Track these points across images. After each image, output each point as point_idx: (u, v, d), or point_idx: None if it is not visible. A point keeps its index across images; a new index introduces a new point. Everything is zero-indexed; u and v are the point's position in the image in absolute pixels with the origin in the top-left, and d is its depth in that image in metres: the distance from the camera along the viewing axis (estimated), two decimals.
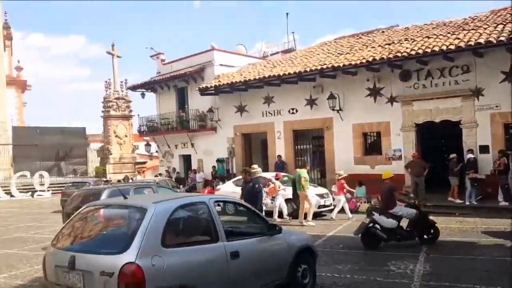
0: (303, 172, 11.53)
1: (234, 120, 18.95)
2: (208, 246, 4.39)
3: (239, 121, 18.75)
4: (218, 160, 19.67)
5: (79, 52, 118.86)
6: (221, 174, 19.05)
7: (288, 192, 12.17)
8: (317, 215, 12.23)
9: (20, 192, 25.18)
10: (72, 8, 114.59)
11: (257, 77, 17.02)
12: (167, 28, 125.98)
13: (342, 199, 12.19)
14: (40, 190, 25.35)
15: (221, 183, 16.58)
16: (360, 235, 8.22)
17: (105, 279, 3.68)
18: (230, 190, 13.29)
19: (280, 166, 16.65)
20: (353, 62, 14.61)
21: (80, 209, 4.87)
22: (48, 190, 25.40)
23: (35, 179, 25.63)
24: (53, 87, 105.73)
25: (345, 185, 12.27)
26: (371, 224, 8.25)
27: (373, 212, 8.38)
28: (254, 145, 19.65)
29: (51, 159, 30.35)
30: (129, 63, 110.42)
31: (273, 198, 11.99)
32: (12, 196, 24.64)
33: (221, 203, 5.26)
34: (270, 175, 13.71)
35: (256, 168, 9.69)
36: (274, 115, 17.65)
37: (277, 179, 12.28)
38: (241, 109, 18.29)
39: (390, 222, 8.22)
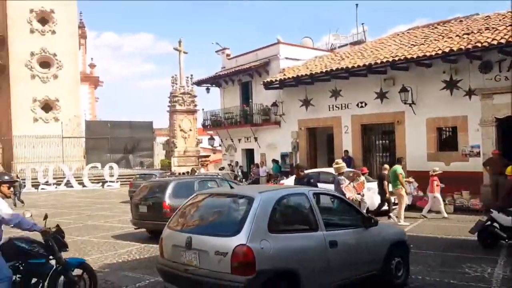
0: (399, 168, 11.12)
1: (299, 114, 18.80)
2: (309, 234, 4.74)
3: (304, 115, 18.57)
4: (274, 160, 19.63)
5: (147, 49, 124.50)
6: (275, 173, 18.87)
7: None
8: (379, 214, 11.79)
9: (92, 182, 26.75)
10: (142, 7, 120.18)
11: (324, 70, 16.75)
12: (233, 23, 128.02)
13: (437, 196, 11.65)
14: (109, 181, 26.78)
15: (284, 177, 16.51)
16: (476, 233, 7.93)
17: (220, 258, 4.17)
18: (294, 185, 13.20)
19: (347, 161, 16.23)
20: (428, 54, 13.91)
21: (192, 196, 5.46)
22: (117, 181, 26.76)
23: (105, 171, 27.10)
24: (122, 83, 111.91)
25: (437, 182, 11.71)
26: (488, 222, 7.88)
27: (492, 210, 7.96)
28: (319, 140, 19.39)
29: (120, 152, 31.99)
30: (194, 58, 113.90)
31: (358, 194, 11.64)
32: (84, 186, 26.25)
33: (318, 195, 5.45)
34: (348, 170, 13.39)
35: (340, 163, 9.38)
36: (342, 109, 17.28)
37: (363, 174, 11.87)
38: (306, 103, 18.09)
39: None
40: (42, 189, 25.05)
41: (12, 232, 4.99)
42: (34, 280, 4.82)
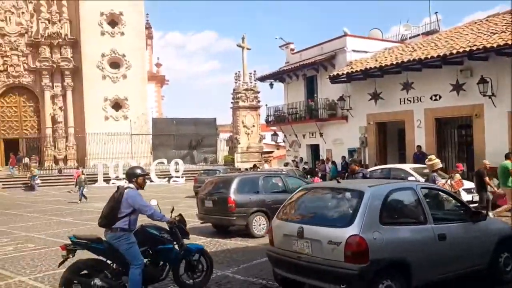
0: (509, 164, 10.53)
1: (367, 108, 18.33)
2: (419, 227, 4.95)
3: (373, 109, 18.08)
4: (333, 162, 19.26)
5: (211, 46, 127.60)
6: (333, 176, 18.40)
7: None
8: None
9: (158, 177, 27.83)
10: (205, 6, 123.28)
11: (394, 62, 16.20)
12: (296, 17, 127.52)
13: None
14: (175, 176, 27.74)
15: (368, 172, 16.10)
16: None
17: (333, 247, 4.46)
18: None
19: (420, 157, 15.60)
20: (510, 42, 13.01)
21: (299, 189, 5.94)
22: (182, 177, 27.67)
23: (171, 166, 28.09)
24: (187, 81, 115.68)
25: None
26: None
27: None
28: (389, 135, 18.80)
29: (185, 148, 33.05)
30: (258, 54, 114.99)
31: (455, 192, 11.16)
32: (151, 181, 27.35)
33: (426, 189, 5.67)
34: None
35: (434, 159, 8.97)
36: (414, 102, 16.62)
37: (460, 171, 11.27)
38: (375, 97, 17.59)
39: None
40: (112, 183, 26.38)
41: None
42: (161, 263, 5.40)
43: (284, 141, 25.18)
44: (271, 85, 24.02)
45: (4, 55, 32.36)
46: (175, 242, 5.41)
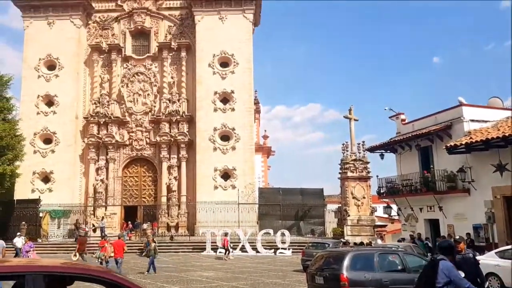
0: None
1: (492, 181, 17.32)
2: None
3: (498, 182, 17.02)
4: (419, 239, 18.04)
5: (316, 118, 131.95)
6: (423, 251, 17.13)
7: None
8: None
9: (264, 248, 28.16)
10: (310, 81, 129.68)
11: None
12: (405, 87, 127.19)
13: None
14: (281, 248, 27.85)
15: (478, 253, 15.04)
16: None
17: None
18: (493, 262, 12.07)
19: None
20: None
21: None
22: (288, 248, 27.67)
23: (277, 237, 28.32)
24: (292, 151, 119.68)
25: None
26: None
27: None
28: None
29: (291, 218, 33.39)
30: (365, 124, 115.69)
31: None
32: (257, 251, 27.81)
33: None
34: None
35: None
36: None
37: None
38: (500, 169, 16.64)
39: None
40: (219, 252, 27.37)
41: None
42: None
43: (398, 215, 24.36)
44: (382, 155, 23.94)
45: (130, 131, 36.88)
46: None
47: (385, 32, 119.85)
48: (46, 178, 35.44)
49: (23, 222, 27.20)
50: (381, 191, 23.29)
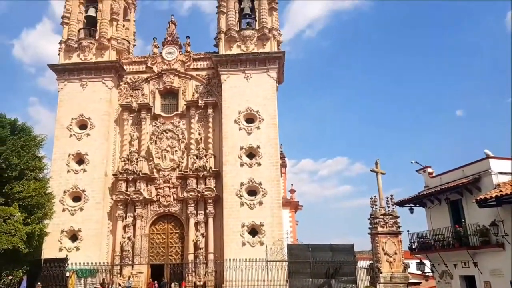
0: None
1: None
2: None
3: None
4: None
5: (343, 171, 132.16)
6: None
7: None
8: None
9: None
10: (335, 136, 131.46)
11: None
12: (430, 140, 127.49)
13: None
14: None
15: None
16: None
17: None
18: None
19: None
20: None
21: None
22: None
23: None
24: (320, 205, 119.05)
25: None
26: None
27: None
28: None
29: (322, 276, 33.02)
30: (392, 177, 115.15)
31: None
32: None
33: None
34: None
35: None
36: None
37: None
38: None
39: None
40: None
41: None
42: None
43: (432, 271, 24.16)
44: (411, 210, 24.19)
45: (158, 187, 38.24)
46: None
47: (408, 86, 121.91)
48: (74, 236, 36.68)
49: (38, 283, 27.69)
50: (413, 247, 23.30)
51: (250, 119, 37.96)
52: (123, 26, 43.52)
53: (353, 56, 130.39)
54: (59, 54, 41.10)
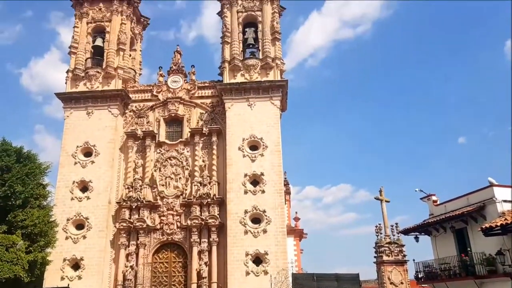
0: None
1: None
2: None
3: None
4: None
5: (347, 198, 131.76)
6: None
7: None
8: None
9: None
10: (339, 163, 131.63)
11: None
12: (433, 167, 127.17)
13: None
14: None
15: None
16: None
17: None
18: None
19: None
20: None
21: None
22: None
23: None
24: (325, 233, 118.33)
25: None
26: None
27: None
28: None
29: None
30: (396, 204, 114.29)
31: None
32: None
33: None
34: None
35: None
36: None
37: None
38: None
39: None
40: None
41: None
42: None
43: None
44: (417, 238, 24.05)
45: (161, 215, 38.17)
46: None
47: (410, 113, 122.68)
48: (76, 265, 36.42)
49: None
50: (419, 276, 23.04)
51: (254, 146, 38.21)
52: (130, 55, 44.46)
53: (354, 84, 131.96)
54: (66, 83, 41.88)
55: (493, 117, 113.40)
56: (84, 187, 38.48)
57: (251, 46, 42.07)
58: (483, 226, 18.47)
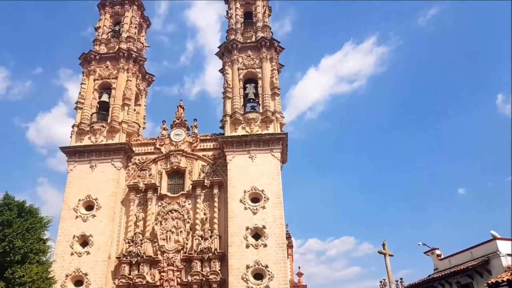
0: None
1: None
2: None
3: None
4: None
5: (350, 251, 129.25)
6: None
7: None
8: None
9: None
10: (341, 215, 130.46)
11: None
12: (436, 219, 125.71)
13: None
14: None
15: None
16: None
17: None
18: None
19: None
20: None
21: None
22: None
23: None
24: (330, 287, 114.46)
25: None
26: None
27: None
28: None
29: None
30: (400, 257, 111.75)
31: None
32: None
33: None
34: None
35: None
36: None
37: None
38: None
39: None
40: None
41: None
42: None
43: None
44: None
45: (161, 270, 37.35)
46: None
47: (408, 165, 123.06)
48: None
49: None
50: None
51: (255, 199, 38.06)
52: (134, 110, 45.44)
53: (352, 137, 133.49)
54: (71, 137, 42.52)
55: (491, 168, 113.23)
56: (84, 241, 38.01)
57: (251, 100, 43.10)
58: (490, 282, 17.99)
